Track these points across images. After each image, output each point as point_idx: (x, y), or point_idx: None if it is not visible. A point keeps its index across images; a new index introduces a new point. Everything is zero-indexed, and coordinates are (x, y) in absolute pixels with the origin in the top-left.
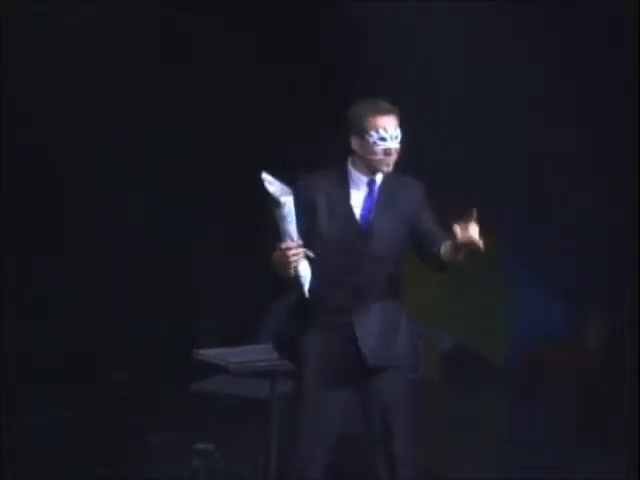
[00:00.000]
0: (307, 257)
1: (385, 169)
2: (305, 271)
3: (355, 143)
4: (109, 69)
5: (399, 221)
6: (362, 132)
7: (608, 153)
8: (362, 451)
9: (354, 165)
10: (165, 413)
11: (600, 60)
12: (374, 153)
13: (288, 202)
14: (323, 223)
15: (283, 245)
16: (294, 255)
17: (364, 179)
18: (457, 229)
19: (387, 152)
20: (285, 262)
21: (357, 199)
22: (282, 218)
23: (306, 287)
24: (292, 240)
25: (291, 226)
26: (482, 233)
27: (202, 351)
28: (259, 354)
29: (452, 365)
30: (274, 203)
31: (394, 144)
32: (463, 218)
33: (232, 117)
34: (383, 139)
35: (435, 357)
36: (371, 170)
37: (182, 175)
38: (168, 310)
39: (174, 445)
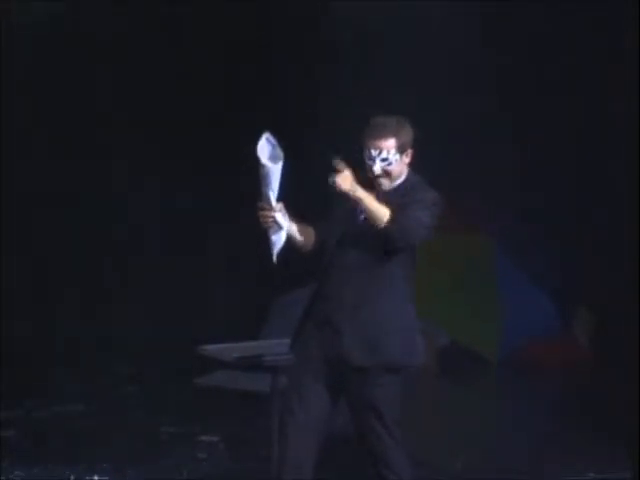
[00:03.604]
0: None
1: (377, 187)
2: (276, 237)
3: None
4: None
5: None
6: (363, 147)
7: (604, 153)
8: (355, 446)
9: None
10: (170, 407)
11: (599, 59)
12: (365, 169)
13: (268, 167)
14: (334, 223)
15: (258, 204)
16: (265, 217)
17: (378, 187)
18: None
19: (371, 172)
20: (262, 221)
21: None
22: (262, 179)
23: (274, 252)
24: (267, 203)
25: (267, 190)
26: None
27: (206, 347)
28: (261, 350)
29: (448, 360)
30: (262, 165)
31: (378, 166)
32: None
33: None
34: (371, 159)
35: (432, 353)
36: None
37: (185, 175)
38: (173, 306)
39: (179, 437)
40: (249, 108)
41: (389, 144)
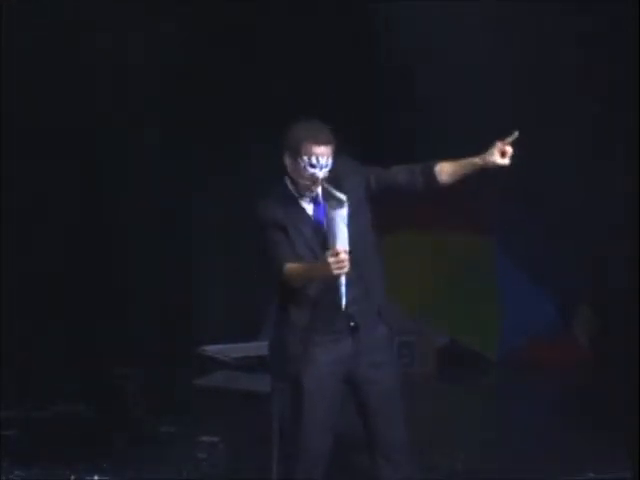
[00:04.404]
0: None
1: (308, 193)
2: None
3: (287, 161)
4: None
5: (354, 207)
6: (295, 154)
7: (604, 153)
8: (359, 449)
9: (292, 184)
10: (170, 407)
11: (599, 60)
12: (301, 177)
13: (347, 205)
14: (294, 243)
15: (342, 248)
16: (345, 262)
17: (307, 194)
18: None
19: (314, 179)
20: (340, 267)
21: (310, 212)
22: (342, 219)
23: (344, 299)
24: (344, 246)
25: (346, 230)
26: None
27: (206, 347)
28: (261, 350)
29: (448, 360)
30: (337, 203)
31: (322, 173)
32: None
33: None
34: (313, 166)
35: (430, 352)
36: (300, 189)
37: (184, 175)
38: (172, 306)
39: (179, 438)
40: (248, 108)
41: (331, 149)
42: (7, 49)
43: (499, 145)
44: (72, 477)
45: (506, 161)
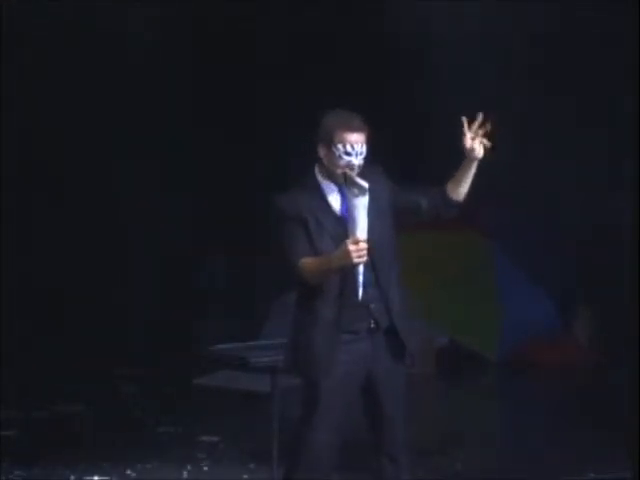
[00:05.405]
0: None
1: (344, 182)
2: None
3: (322, 152)
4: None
5: (380, 211)
6: (330, 143)
7: (604, 152)
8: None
9: (322, 174)
10: (170, 407)
11: (600, 60)
12: (337, 165)
13: (368, 193)
14: (314, 236)
15: (363, 237)
16: (364, 251)
17: (335, 187)
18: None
19: (350, 167)
20: (360, 255)
21: (335, 205)
22: (364, 207)
23: (361, 289)
24: (363, 235)
25: (366, 218)
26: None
27: (207, 347)
28: (261, 350)
29: (447, 360)
30: (360, 191)
31: (358, 160)
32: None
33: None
34: (348, 154)
35: (431, 353)
36: (334, 180)
37: (185, 175)
38: (173, 307)
39: (179, 437)
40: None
41: (365, 137)
42: (7, 49)
43: (466, 136)
44: (72, 477)
45: (478, 146)
